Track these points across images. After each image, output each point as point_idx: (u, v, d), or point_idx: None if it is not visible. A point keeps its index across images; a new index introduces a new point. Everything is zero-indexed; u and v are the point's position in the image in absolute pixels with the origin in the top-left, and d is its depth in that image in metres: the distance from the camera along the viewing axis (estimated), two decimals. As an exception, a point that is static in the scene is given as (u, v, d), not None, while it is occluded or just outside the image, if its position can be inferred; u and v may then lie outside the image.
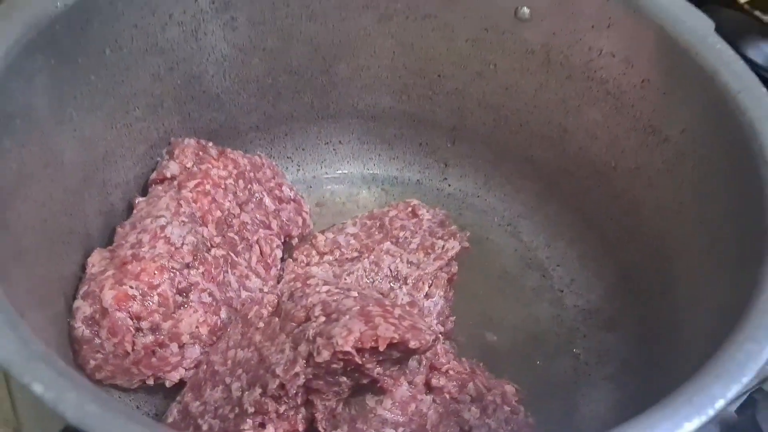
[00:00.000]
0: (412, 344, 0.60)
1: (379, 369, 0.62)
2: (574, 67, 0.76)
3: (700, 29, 0.64)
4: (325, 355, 0.59)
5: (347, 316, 0.61)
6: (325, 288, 0.66)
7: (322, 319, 0.63)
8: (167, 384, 0.69)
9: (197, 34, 0.75)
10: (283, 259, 0.81)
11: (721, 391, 0.39)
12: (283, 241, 0.83)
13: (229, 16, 0.76)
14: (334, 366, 0.60)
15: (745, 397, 0.76)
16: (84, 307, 0.67)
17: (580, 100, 0.78)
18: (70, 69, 0.64)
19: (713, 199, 0.61)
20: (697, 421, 0.38)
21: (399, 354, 0.61)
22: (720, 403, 0.39)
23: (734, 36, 0.85)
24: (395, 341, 0.59)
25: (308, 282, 0.69)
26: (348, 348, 0.58)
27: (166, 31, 0.73)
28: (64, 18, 0.61)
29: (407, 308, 0.69)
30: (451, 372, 0.67)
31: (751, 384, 0.77)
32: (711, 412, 0.38)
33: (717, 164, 0.61)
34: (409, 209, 0.85)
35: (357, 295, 0.65)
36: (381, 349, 0.59)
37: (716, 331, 0.53)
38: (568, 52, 0.76)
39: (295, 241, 0.84)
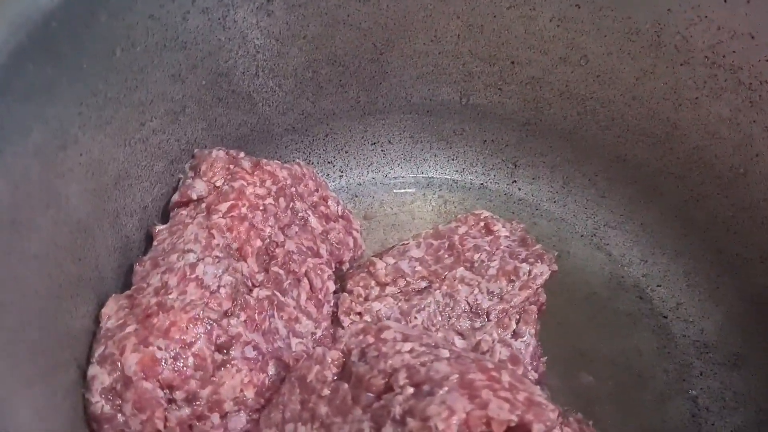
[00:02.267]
0: (536, 429, 0.47)
1: (487, 455, 0.48)
2: (695, 51, 0.64)
3: None
4: (422, 441, 0.46)
5: (444, 388, 0.49)
6: (407, 346, 0.54)
7: (410, 390, 0.50)
8: (209, 462, 0.57)
9: (225, 22, 0.64)
10: (335, 292, 0.69)
11: None
12: (334, 269, 0.70)
13: (264, -1, 0.63)
14: (432, 454, 0.47)
15: None
16: (101, 376, 0.56)
17: (699, 90, 0.66)
18: (73, 78, 0.51)
19: None
20: None
21: (514, 437, 0.48)
22: None
23: None
24: (513, 424, 0.46)
25: (383, 336, 0.55)
26: (452, 433, 0.46)
27: (188, 21, 0.61)
28: (62, 13, 0.48)
29: (512, 369, 0.56)
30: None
31: None
32: None
33: None
34: (482, 224, 0.74)
35: (449, 355, 0.52)
36: (495, 433, 0.46)
37: None
38: (686, 33, 0.63)
39: (346, 266, 0.73)
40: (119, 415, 0.55)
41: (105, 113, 0.56)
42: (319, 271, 0.68)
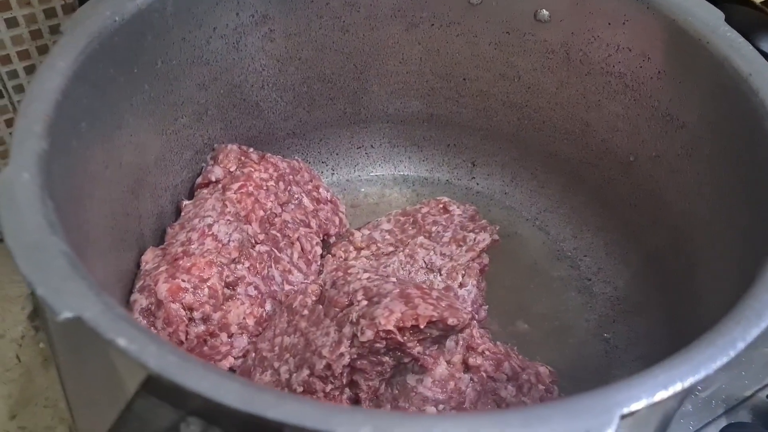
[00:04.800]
0: (451, 321, 0.63)
1: (419, 348, 0.65)
2: (593, 64, 0.80)
3: (710, 20, 0.68)
4: (369, 334, 0.62)
5: (388, 299, 0.65)
6: (365, 275, 0.70)
7: (365, 302, 0.66)
8: (218, 372, 0.72)
9: (238, 45, 0.80)
10: (322, 256, 0.85)
11: (742, 335, 0.43)
12: (321, 239, 0.86)
13: (268, 28, 0.81)
14: (377, 345, 0.63)
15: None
16: (141, 300, 0.70)
17: (600, 94, 0.81)
18: (127, 78, 0.68)
19: (730, 178, 0.65)
20: (720, 362, 0.42)
21: (438, 332, 0.65)
22: (740, 345, 0.42)
23: (748, 31, 0.89)
24: (434, 319, 0.63)
25: (349, 271, 0.72)
26: (390, 327, 0.62)
27: (211, 44, 0.77)
28: (121, 31, 0.65)
29: (443, 291, 0.73)
30: (487, 352, 0.70)
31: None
32: (732, 353, 0.42)
33: (732, 145, 0.64)
34: (441, 206, 0.88)
35: (396, 280, 0.69)
36: (421, 326, 0.62)
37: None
38: (586, 50, 0.79)
39: (332, 240, 0.88)
40: (153, 328, 0.69)
41: (148, 107, 0.71)
42: (309, 238, 0.83)
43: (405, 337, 0.64)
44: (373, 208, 0.96)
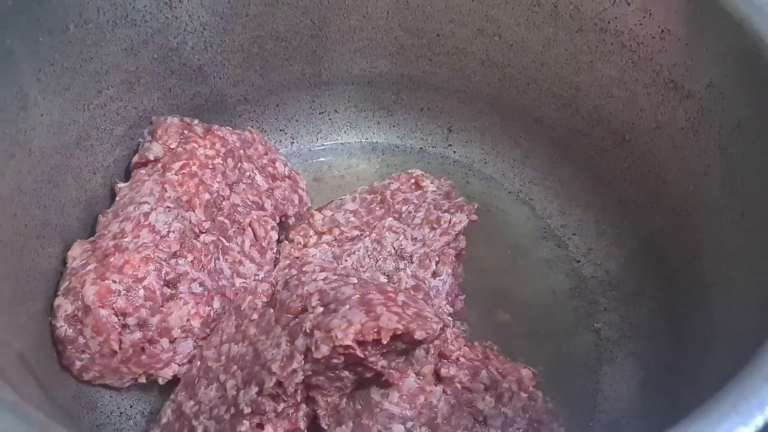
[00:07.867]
0: (418, 335, 0.55)
1: (383, 362, 0.57)
2: (585, 19, 0.70)
3: (726, -31, 0.57)
4: (324, 350, 0.54)
5: (347, 306, 0.57)
6: (322, 275, 0.61)
7: (320, 309, 0.58)
8: (160, 381, 0.65)
9: (171, 2, 0.70)
10: (279, 241, 0.77)
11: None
12: (278, 221, 0.78)
13: (206, -20, 0.70)
14: (335, 361, 0.55)
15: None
16: (65, 305, 0.63)
17: (592, 54, 0.72)
18: (30, 49, 0.58)
19: (744, 160, 0.55)
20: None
21: (404, 345, 0.57)
22: (769, 410, 0.33)
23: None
24: (399, 332, 0.54)
25: (304, 269, 0.64)
26: (348, 342, 0.54)
27: (136, 1, 0.67)
28: None
29: (412, 293, 0.64)
30: (462, 359, 0.62)
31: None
32: (760, 422, 0.33)
33: (748, 122, 0.55)
34: (412, 180, 0.80)
35: (357, 281, 0.60)
36: (384, 341, 0.54)
37: (754, 310, 0.48)
38: (578, 3, 0.70)
39: (291, 221, 0.80)
40: (80, 337, 0.62)
41: (62, 80, 0.62)
42: (262, 222, 0.75)
43: (366, 352, 0.55)
44: (339, 182, 0.87)
